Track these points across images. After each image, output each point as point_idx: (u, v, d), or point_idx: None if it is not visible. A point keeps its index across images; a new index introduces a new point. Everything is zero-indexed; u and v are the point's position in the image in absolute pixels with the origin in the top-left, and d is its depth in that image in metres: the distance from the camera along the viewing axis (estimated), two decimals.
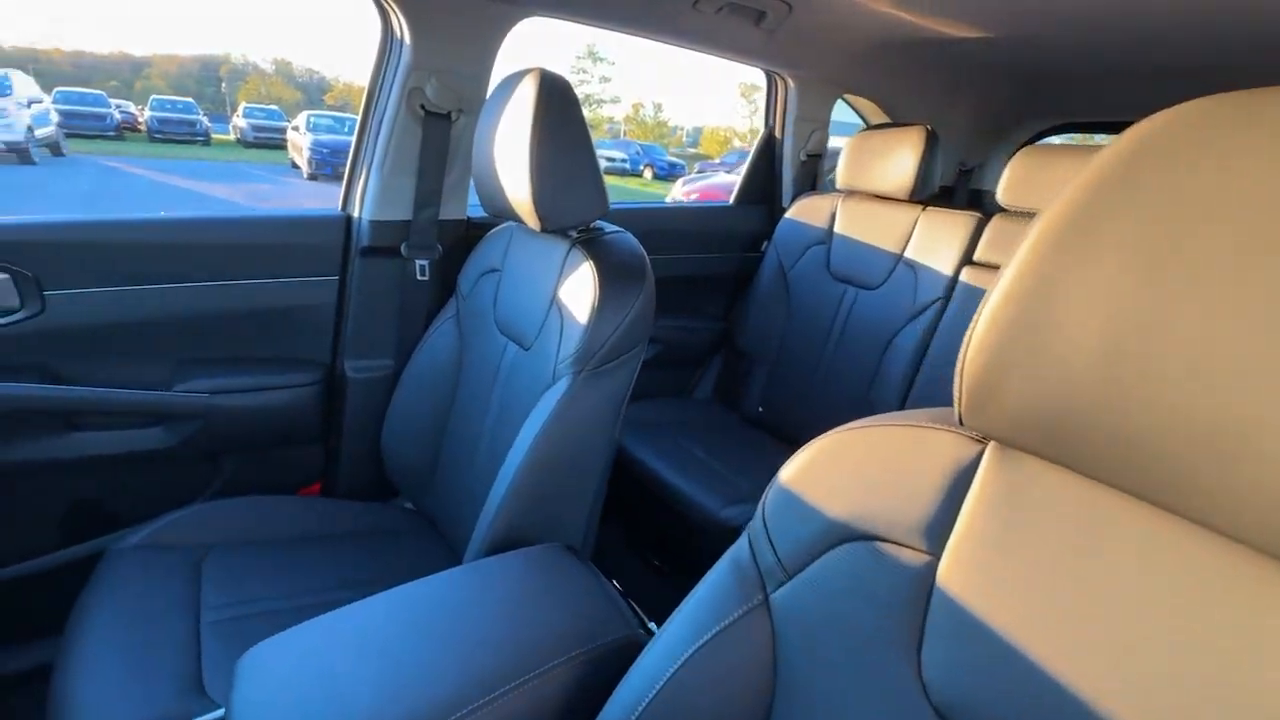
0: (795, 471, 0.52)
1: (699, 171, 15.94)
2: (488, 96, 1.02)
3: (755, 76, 1.86)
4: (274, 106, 19.57)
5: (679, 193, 7.64)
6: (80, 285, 1.03)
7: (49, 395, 1.01)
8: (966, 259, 1.40)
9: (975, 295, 1.35)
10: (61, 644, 0.83)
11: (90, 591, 0.89)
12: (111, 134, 15.04)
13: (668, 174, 18.09)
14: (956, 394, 0.42)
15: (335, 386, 1.30)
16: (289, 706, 0.58)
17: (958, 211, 1.46)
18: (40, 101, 11.27)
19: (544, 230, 0.93)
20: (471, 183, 1.12)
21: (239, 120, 18.12)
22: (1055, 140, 2.19)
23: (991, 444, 0.44)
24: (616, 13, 1.29)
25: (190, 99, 18.64)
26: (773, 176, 1.89)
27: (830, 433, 0.52)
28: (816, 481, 0.51)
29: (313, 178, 11.78)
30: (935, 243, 1.45)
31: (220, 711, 0.66)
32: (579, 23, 1.29)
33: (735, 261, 1.87)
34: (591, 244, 0.96)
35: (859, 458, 0.49)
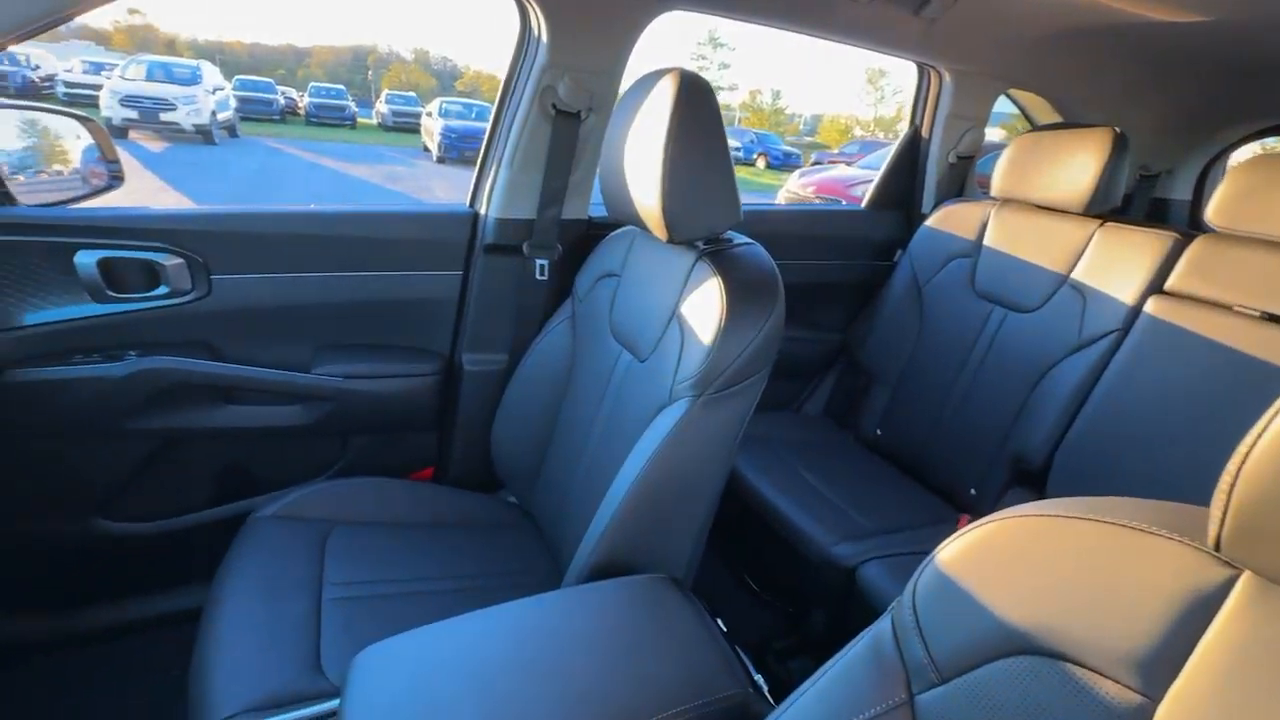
0: (960, 554, 0.44)
1: (815, 163, 15.30)
2: (620, 95, 0.99)
3: (884, 61, 1.70)
4: (411, 93, 21.04)
5: (795, 186, 7.33)
6: (241, 270, 1.11)
7: (211, 371, 1.11)
8: (1155, 287, 1.19)
9: (1164, 331, 1.14)
10: (208, 597, 0.90)
11: (232, 555, 0.97)
12: (276, 118, 16.84)
13: (781, 163, 17.52)
14: (1217, 513, 0.33)
15: (452, 377, 1.34)
16: (394, 717, 0.58)
17: (1148, 229, 1.24)
18: (223, 89, 12.81)
19: (671, 240, 0.89)
20: (596, 183, 1.10)
21: (381, 106, 19.66)
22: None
23: (1246, 574, 0.34)
24: (766, 6, 1.20)
25: (342, 86, 20.49)
26: (913, 179, 1.73)
27: (1010, 513, 0.44)
28: (989, 572, 0.42)
29: (440, 160, 12.54)
30: (1115, 264, 1.24)
31: (334, 703, 0.69)
32: (723, 16, 1.22)
33: (862, 270, 1.73)
34: (719, 257, 0.90)
35: (1051, 553, 0.40)
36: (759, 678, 0.71)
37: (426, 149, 13.74)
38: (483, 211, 1.27)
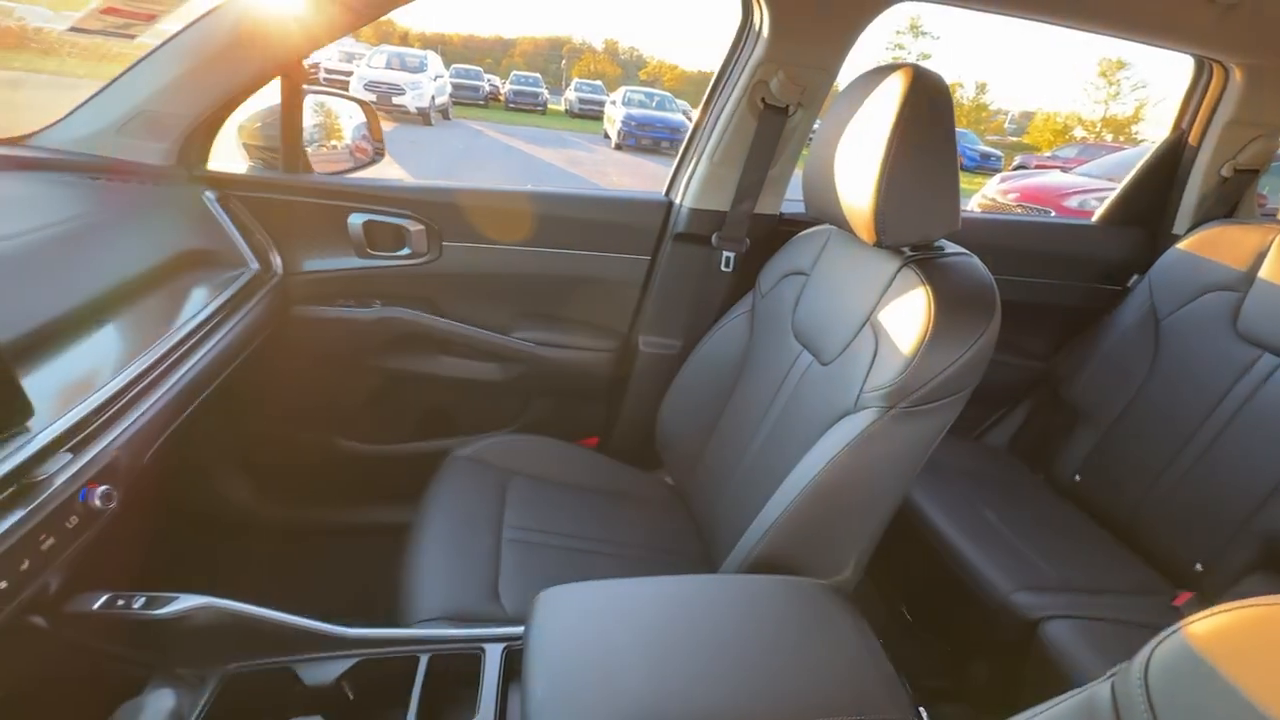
0: (1217, 636, 0.38)
1: (1018, 166, 13.56)
2: (836, 91, 0.96)
3: (1121, 50, 1.43)
4: (598, 81, 22.15)
5: (993, 192, 6.56)
6: (465, 240, 1.27)
7: (434, 324, 1.28)
8: None
9: None
10: (414, 517, 1.05)
11: (434, 485, 1.12)
12: (481, 103, 18.70)
13: (977, 165, 15.80)
14: None
15: (627, 356, 1.41)
16: (573, 655, 0.64)
17: None
18: (442, 76, 14.47)
19: (877, 244, 0.85)
20: (793, 179, 1.08)
21: (569, 93, 20.95)
22: None
23: None
24: None
25: (537, 75, 22.13)
26: (1166, 193, 1.48)
27: None
28: (1254, 662, 0.36)
29: (618, 148, 13.09)
30: None
31: (516, 629, 0.77)
32: (966, 8, 1.13)
33: (1081, 293, 1.52)
34: (928, 265, 0.84)
35: None
36: (923, 712, 0.68)
37: (607, 135, 14.40)
38: (677, 201, 1.31)
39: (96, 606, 0.66)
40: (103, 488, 0.62)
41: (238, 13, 0.99)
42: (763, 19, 1.11)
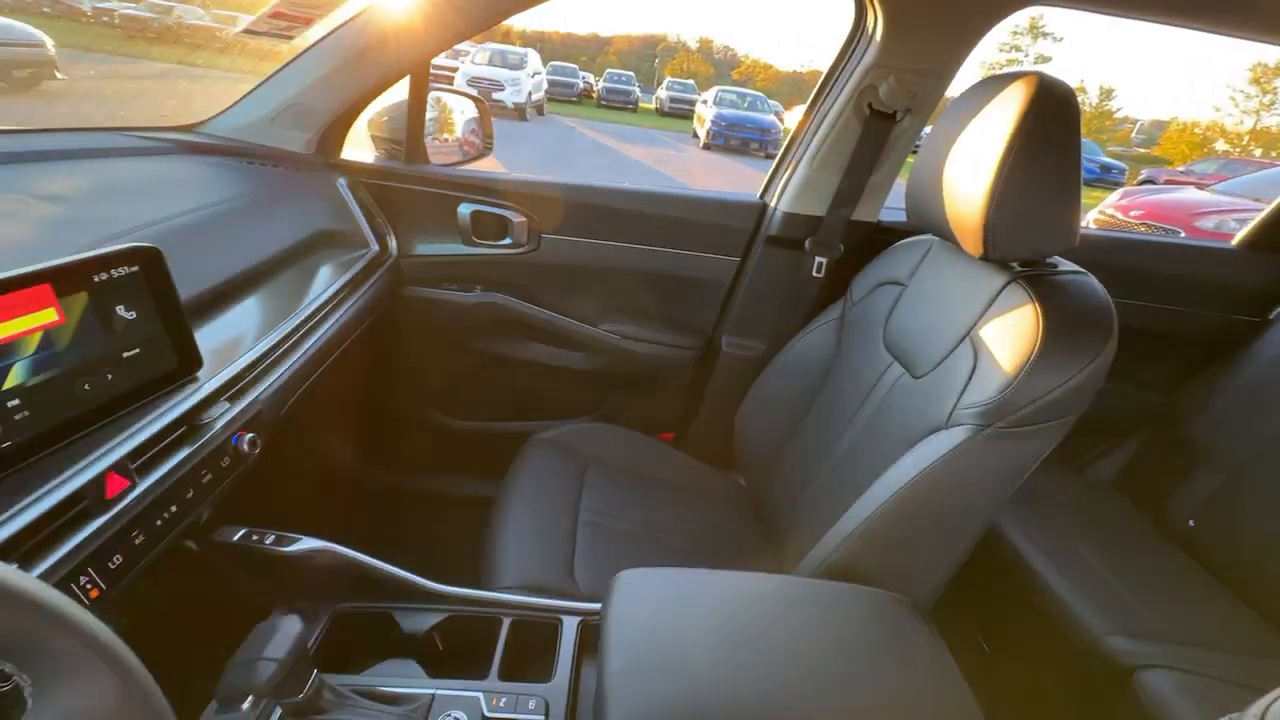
0: None
1: (1143, 181, 12.38)
2: (949, 98, 0.94)
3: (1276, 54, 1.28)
4: (690, 80, 22.15)
5: (1113, 207, 6.03)
6: (563, 233, 1.32)
7: (528, 311, 1.34)
8: None
9: None
10: (499, 491, 1.12)
11: (518, 463, 1.18)
12: (574, 99, 19.15)
13: (1096, 178, 14.56)
14: None
15: (709, 355, 1.43)
16: (649, 635, 0.66)
17: None
18: (540, 73, 14.94)
19: (984, 257, 0.82)
20: (895, 187, 1.06)
21: (661, 92, 21.08)
22: None
23: None
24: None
25: (630, 72, 22.39)
26: None
27: None
28: None
29: (706, 147, 13.05)
30: None
31: (591, 605, 0.81)
32: (1099, 12, 1.07)
33: (1214, 324, 1.39)
34: (1039, 282, 0.81)
35: None
36: None
37: (695, 135, 14.39)
38: (772, 204, 1.31)
39: (236, 538, 0.76)
40: (250, 435, 0.71)
41: (376, 19, 1.08)
42: (876, 22, 1.09)
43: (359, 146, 1.30)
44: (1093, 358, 0.74)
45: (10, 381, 0.51)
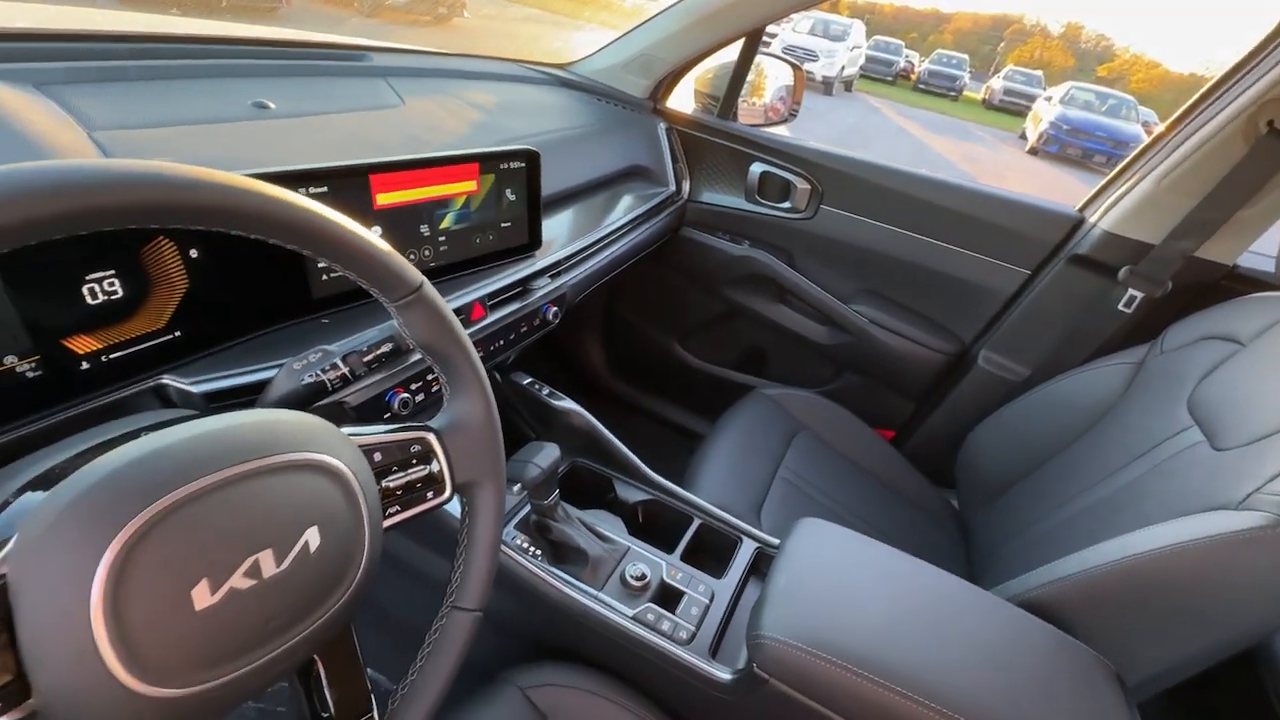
0: None
1: None
2: None
3: None
4: (1037, 71, 18.87)
5: None
6: (844, 207, 1.34)
7: (784, 274, 1.41)
8: None
9: None
10: (713, 428, 1.23)
11: (736, 409, 1.27)
12: (889, 80, 17.80)
13: None
14: None
15: (959, 365, 1.34)
16: (819, 576, 0.72)
17: None
18: (860, 47, 14.17)
19: None
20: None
21: (994, 81, 18.41)
22: None
23: None
24: None
25: (964, 56, 19.90)
26: None
27: None
28: None
29: (1033, 152, 11.19)
30: None
31: (770, 539, 0.89)
32: None
33: None
34: None
35: None
36: None
37: (1023, 136, 12.40)
38: (1092, 219, 1.16)
39: (525, 382, 0.99)
40: (555, 309, 0.93)
41: None
42: None
43: (677, 98, 1.47)
44: None
45: (443, 224, 0.75)
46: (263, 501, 0.33)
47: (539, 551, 0.79)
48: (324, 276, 0.64)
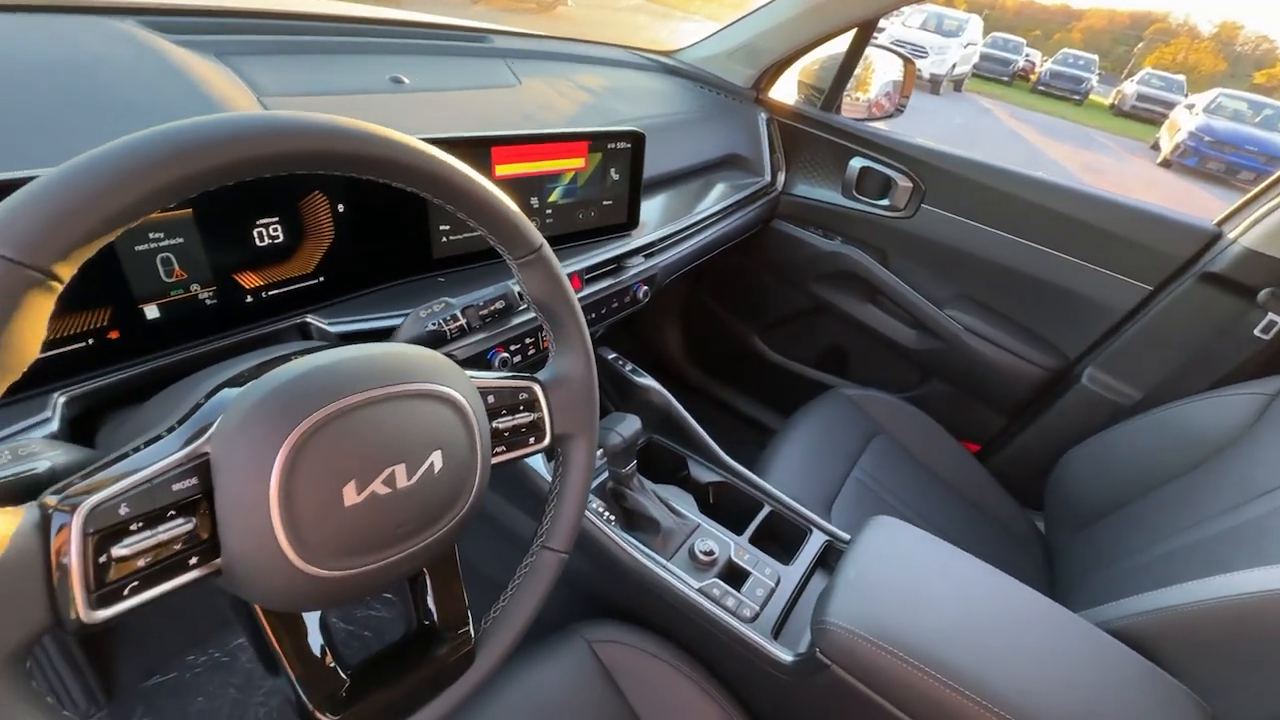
0: None
1: None
2: None
3: None
4: (1179, 76, 17.04)
5: None
6: (946, 208, 1.29)
7: (876, 274, 1.37)
8: None
9: None
10: (787, 423, 1.23)
11: (813, 406, 1.26)
12: (1005, 80, 16.61)
13: None
14: None
15: (1060, 382, 1.27)
16: (888, 573, 0.71)
17: None
18: (974, 44, 13.32)
19: None
20: None
21: (1127, 85, 16.82)
22: None
23: None
24: None
25: (1094, 56, 18.27)
26: None
27: None
28: None
29: (1165, 164, 10.17)
30: None
31: (840, 533, 0.88)
32: None
33: None
34: None
35: None
36: None
37: (1156, 146, 11.28)
38: (1230, 234, 1.06)
39: (610, 357, 1.03)
40: (645, 288, 0.95)
41: None
42: None
43: (779, 89, 1.45)
44: None
45: (551, 197, 0.80)
46: (400, 421, 0.37)
47: (612, 516, 0.83)
48: (444, 239, 0.70)
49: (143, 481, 0.30)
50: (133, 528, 0.29)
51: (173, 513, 0.31)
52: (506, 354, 0.71)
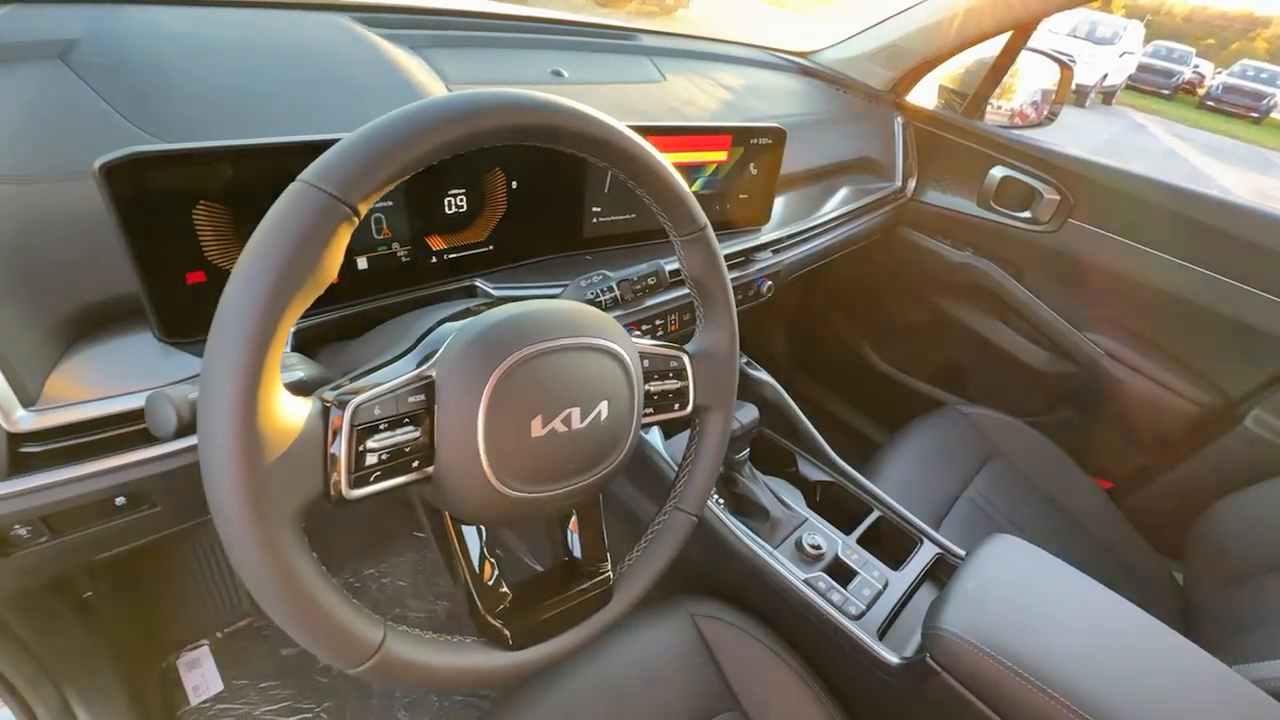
0: None
1: None
2: None
3: None
4: None
5: None
6: (1097, 224, 1.20)
7: (1010, 290, 1.30)
8: None
9: None
10: (896, 436, 1.19)
11: (925, 421, 1.21)
12: (1166, 93, 14.90)
13: None
14: None
15: (1218, 421, 1.15)
16: (1011, 585, 0.69)
17: None
18: (1131, 54, 12.07)
19: None
20: None
21: None
22: None
23: None
24: None
25: (1278, 68, 15.97)
26: None
27: None
28: None
29: None
30: None
31: (953, 547, 0.85)
32: None
33: None
34: None
35: None
36: None
37: None
38: None
39: None
40: (769, 283, 0.97)
41: None
42: None
43: (916, 93, 1.41)
44: None
45: (693, 188, 0.83)
46: (579, 368, 0.42)
47: (721, 500, 0.85)
48: (593, 220, 0.76)
49: (389, 391, 0.36)
50: (380, 426, 0.36)
51: (407, 420, 0.37)
52: (639, 333, 0.76)
